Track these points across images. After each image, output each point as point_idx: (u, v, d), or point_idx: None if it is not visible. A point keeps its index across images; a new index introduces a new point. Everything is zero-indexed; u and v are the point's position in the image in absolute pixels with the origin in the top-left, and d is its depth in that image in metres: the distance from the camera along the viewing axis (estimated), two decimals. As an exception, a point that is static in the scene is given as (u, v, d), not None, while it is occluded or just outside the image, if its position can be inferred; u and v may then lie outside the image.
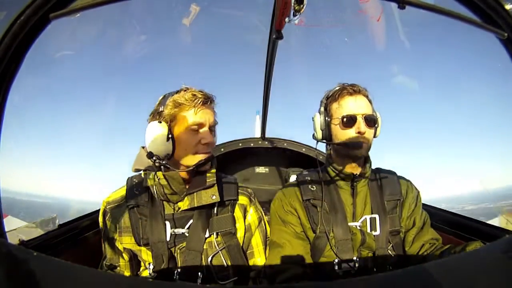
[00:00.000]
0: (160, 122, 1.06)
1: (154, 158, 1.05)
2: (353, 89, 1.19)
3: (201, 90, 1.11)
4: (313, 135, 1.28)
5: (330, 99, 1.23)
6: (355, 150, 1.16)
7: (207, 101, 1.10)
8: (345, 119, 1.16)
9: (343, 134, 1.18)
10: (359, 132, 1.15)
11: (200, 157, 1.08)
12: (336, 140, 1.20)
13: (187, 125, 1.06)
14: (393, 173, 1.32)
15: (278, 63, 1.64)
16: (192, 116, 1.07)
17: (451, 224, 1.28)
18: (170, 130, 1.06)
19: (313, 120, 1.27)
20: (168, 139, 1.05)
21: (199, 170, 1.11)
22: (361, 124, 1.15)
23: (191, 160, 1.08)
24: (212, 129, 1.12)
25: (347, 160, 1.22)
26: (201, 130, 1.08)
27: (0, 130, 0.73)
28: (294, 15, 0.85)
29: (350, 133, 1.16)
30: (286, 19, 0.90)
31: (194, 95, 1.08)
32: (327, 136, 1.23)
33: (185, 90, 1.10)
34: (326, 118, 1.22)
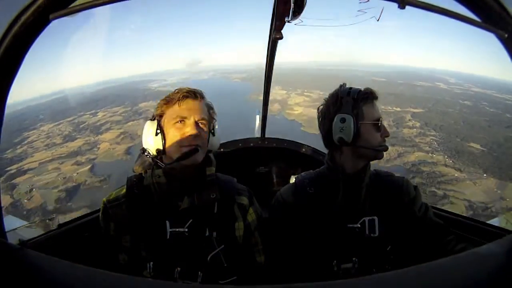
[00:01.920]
0: (153, 120, 1.13)
1: (146, 153, 1.11)
2: (376, 94, 1.21)
3: (191, 88, 1.15)
4: (341, 138, 1.16)
5: (361, 100, 1.18)
6: (381, 154, 1.19)
7: (191, 95, 1.12)
8: (379, 123, 1.17)
9: (374, 138, 1.17)
10: (386, 136, 1.19)
11: (184, 149, 1.08)
12: (362, 142, 1.17)
13: (172, 119, 1.10)
14: (391, 174, 1.31)
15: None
16: (177, 109, 1.11)
17: (451, 224, 1.28)
18: (159, 126, 1.11)
19: (342, 122, 1.15)
20: (157, 134, 1.10)
21: (187, 164, 1.08)
22: (386, 128, 1.19)
23: (176, 153, 1.09)
24: (200, 123, 1.12)
25: (362, 162, 1.21)
26: (185, 123, 1.10)
27: (1, 129, 0.74)
28: (294, 15, 0.86)
29: (378, 136, 1.18)
30: (286, 19, 0.91)
31: (180, 90, 1.13)
32: (354, 139, 1.16)
33: (176, 89, 1.15)
34: (358, 120, 1.16)
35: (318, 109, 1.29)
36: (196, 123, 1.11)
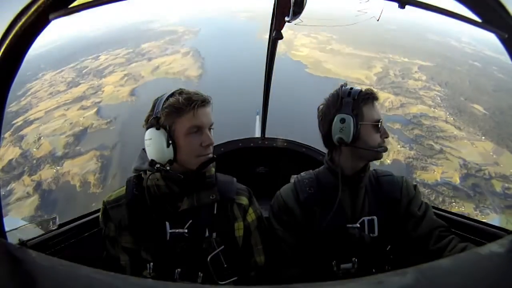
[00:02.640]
0: (158, 129, 1.05)
1: (157, 165, 1.06)
2: (376, 95, 1.21)
3: (196, 91, 1.10)
4: (340, 138, 1.16)
5: (361, 101, 1.17)
6: (380, 154, 1.19)
7: (204, 103, 1.09)
8: (379, 124, 1.17)
9: (373, 139, 1.18)
10: (386, 137, 1.19)
11: (202, 159, 1.09)
12: (361, 143, 1.17)
13: (186, 129, 1.06)
14: (390, 174, 1.31)
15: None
16: (191, 119, 1.06)
17: (451, 224, 1.28)
18: (169, 136, 1.05)
19: (342, 122, 1.15)
20: (168, 145, 1.05)
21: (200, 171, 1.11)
22: (386, 130, 1.19)
23: (194, 163, 1.08)
24: (210, 129, 1.12)
25: (361, 163, 1.21)
26: (201, 133, 1.08)
27: (1, 129, 0.73)
28: (294, 15, 0.85)
29: (378, 137, 1.18)
30: (286, 19, 0.91)
31: (191, 98, 1.06)
32: (354, 139, 1.16)
33: (179, 94, 1.09)
34: (358, 121, 1.15)
35: (318, 108, 1.28)
36: (209, 130, 1.11)
